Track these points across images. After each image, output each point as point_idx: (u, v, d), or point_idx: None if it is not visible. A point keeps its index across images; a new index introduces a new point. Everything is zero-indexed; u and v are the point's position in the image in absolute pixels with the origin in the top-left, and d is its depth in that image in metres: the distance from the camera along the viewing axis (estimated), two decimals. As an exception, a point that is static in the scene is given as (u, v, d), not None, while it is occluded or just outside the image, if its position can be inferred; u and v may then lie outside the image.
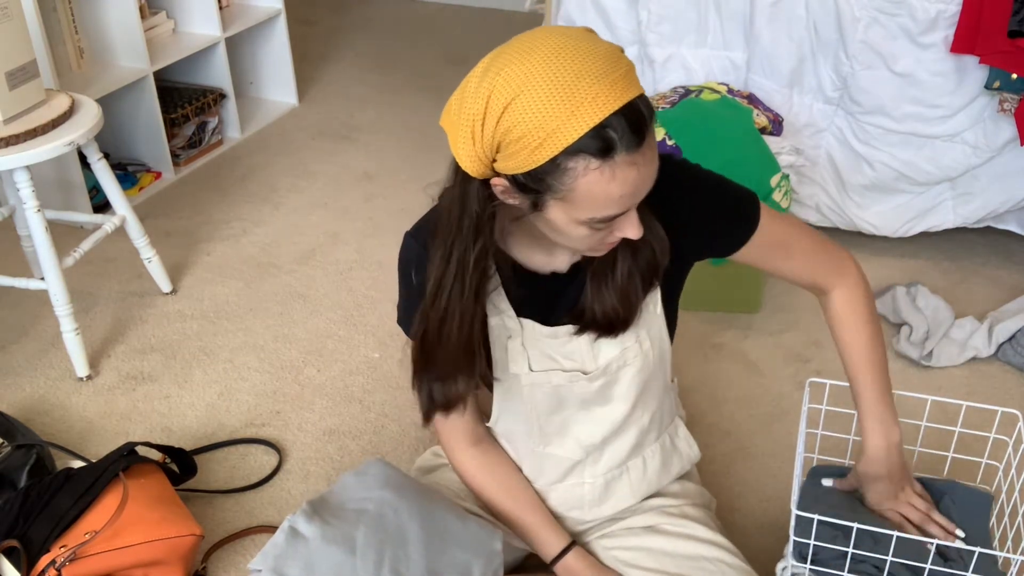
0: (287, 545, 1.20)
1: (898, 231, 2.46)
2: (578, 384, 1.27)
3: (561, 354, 1.26)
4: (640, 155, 0.97)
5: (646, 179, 1.00)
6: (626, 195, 1.00)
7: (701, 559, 1.30)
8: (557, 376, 1.27)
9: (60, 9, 2.65)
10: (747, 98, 2.36)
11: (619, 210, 1.01)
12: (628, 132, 0.95)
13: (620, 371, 1.28)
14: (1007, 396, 2.02)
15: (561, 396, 1.29)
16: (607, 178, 0.97)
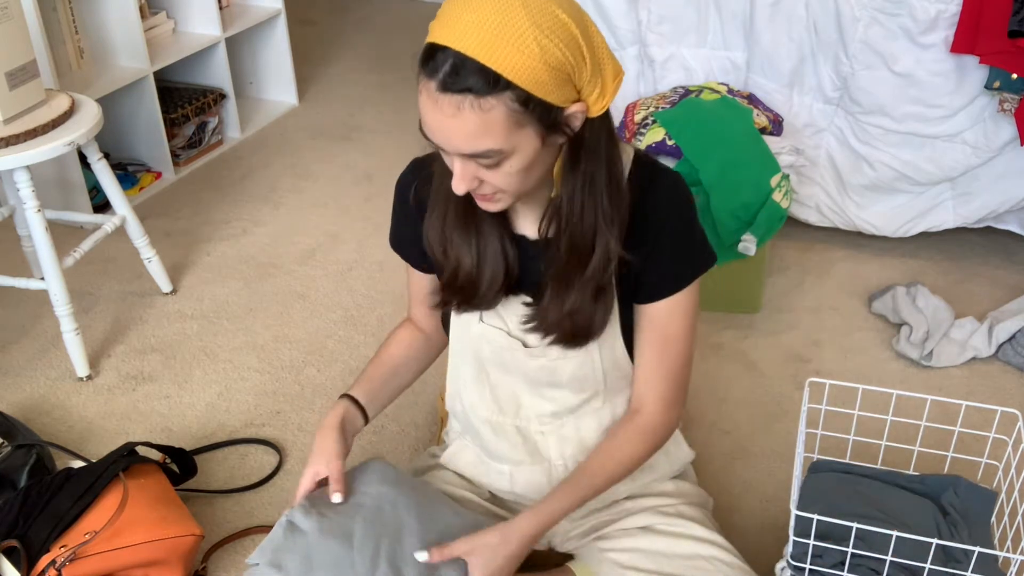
0: (285, 539, 1.20)
1: (898, 231, 2.46)
2: (518, 354, 1.28)
3: (510, 318, 1.27)
4: (443, 101, 0.99)
5: (444, 129, 1.01)
6: (430, 126, 1.03)
7: (698, 558, 1.30)
8: (501, 337, 1.28)
9: (60, 9, 2.65)
10: (747, 98, 2.36)
11: (432, 137, 1.04)
12: (446, 73, 0.98)
13: (559, 361, 1.27)
14: (1007, 396, 2.02)
15: (504, 360, 1.30)
16: (420, 90, 1.03)
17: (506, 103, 0.98)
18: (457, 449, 1.48)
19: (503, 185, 1.07)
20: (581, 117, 1.04)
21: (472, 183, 1.07)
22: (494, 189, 1.09)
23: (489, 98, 0.98)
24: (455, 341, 1.35)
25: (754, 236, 2.06)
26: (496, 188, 1.08)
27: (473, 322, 1.29)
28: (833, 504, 1.35)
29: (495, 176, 1.06)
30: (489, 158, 1.03)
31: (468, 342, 1.32)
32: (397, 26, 4.41)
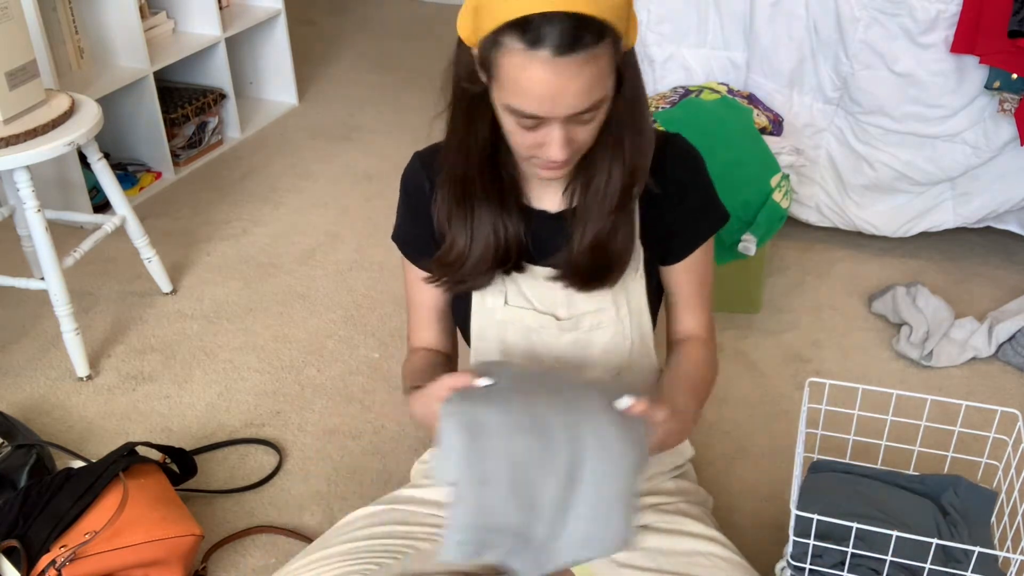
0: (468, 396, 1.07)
1: (898, 231, 2.46)
2: (549, 332, 1.27)
3: (536, 296, 1.27)
4: (563, 65, 0.98)
5: (564, 93, 1.00)
6: (540, 96, 1.00)
7: (696, 554, 1.30)
8: (530, 316, 1.27)
9: (60, 9, 2.65)
10: (747, 98, 2.36)
11: (535, 109, 1.01)
12: (559, 36, 0.96)
13: (593, 332, 1.27)
14: (1007, 396, 2.02)
15: (533, 344, 1.29)
16: (524, 65, 0.98)
17: (609, 49, 1.00)
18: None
19: (589, 139, 1.08)
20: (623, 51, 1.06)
21: (569, 147, 1.06)
22: (579, 150, 1.09)
23: (599, 48, 0.99)
24: (478, 336, 1.33)
25: (754, 236, 2.06)
26: (582, 148, 1.09)
27: (498, 308, 1.28)
28: (833, 504, 1.35)
29: (586, 131, 1.06)
30: (594, 110, 1.03)
31: (493, 332, 1.31)
32: (397, 26, 4.41)
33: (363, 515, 1.37)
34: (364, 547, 1.29)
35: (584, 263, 1.20)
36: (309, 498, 1.77)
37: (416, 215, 1.29)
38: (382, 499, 1.41)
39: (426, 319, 1.37)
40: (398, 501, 1.40)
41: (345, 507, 1.74)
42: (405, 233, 1.34)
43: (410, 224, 1.32)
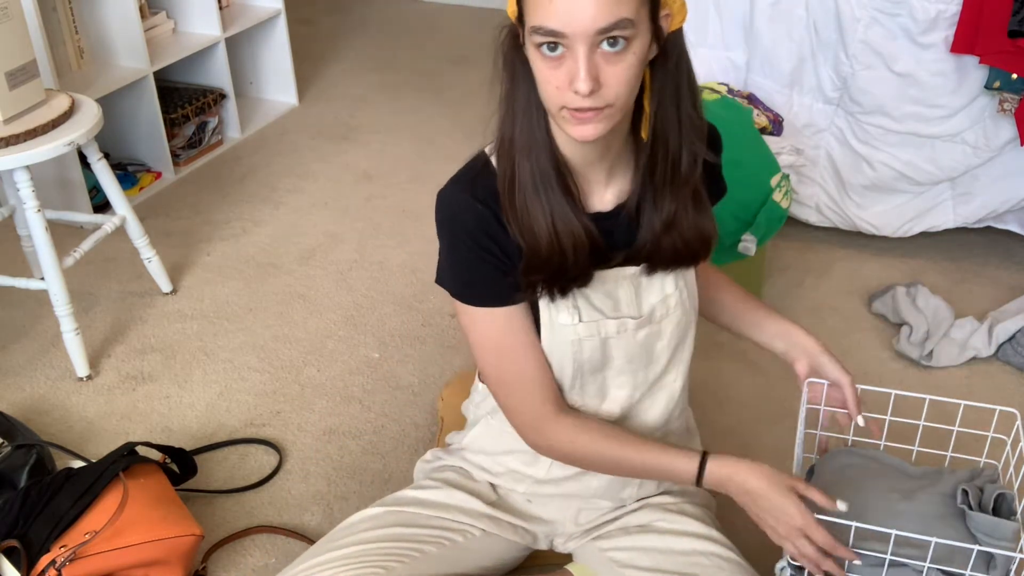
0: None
1: (898, 231, 2.46)
2: (626, 335, 1.26)
3: (605, 304, 1.25)
4: None
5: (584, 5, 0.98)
6: (561, 5, 0.98)
7: (696, 554, 1.30)
8: (605, 326, 1.24)
9: (60, 9, 2.65)
10: (747, 98, 2.36)
11: (556, 23, 0.99)
12: None
13: (663, 321, 1.28)
14: (1007, 396, 2.02)
15: (608, 350, 1.26)
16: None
17: None
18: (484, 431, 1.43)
19: (618, 85, 1.04)
20: (667, 25, 1.07)
21: (594, 83, 1.02)
22: (610, 97, 1.04)
23: None
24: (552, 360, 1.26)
25: (754, 236, 2.06)
26: (612, 95, 1.04)
27: (572, 325, 1.23)
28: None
29: (615, 72, 1.03)
30: (622, 30, 1.00)
31: (566, 349, 1.25)
32: (397, 26, 4.41)
33: (366, 517, 1.36)
34: (368, 550, 1.29)
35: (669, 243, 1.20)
36: (309, 498, 1.77)
37: (486, 249, 1.18)
38: (384, 500, 1.41)
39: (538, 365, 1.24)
40: (401, 503, 1.39)
41: (345, 507, 1.75)
42: (475, 275, 1.20)
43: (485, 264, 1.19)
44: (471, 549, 1.36)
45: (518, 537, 1.41)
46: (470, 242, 1.18)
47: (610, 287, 1.24)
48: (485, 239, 1.17)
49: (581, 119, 1.06)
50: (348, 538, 1.31)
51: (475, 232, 1.17)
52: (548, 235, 1.14)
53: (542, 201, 1.14)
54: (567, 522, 1.41)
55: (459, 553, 1.35)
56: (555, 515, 1.42)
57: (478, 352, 1.25)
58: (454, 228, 1.19)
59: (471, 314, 1.22)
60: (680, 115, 1.14)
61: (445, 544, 1.34)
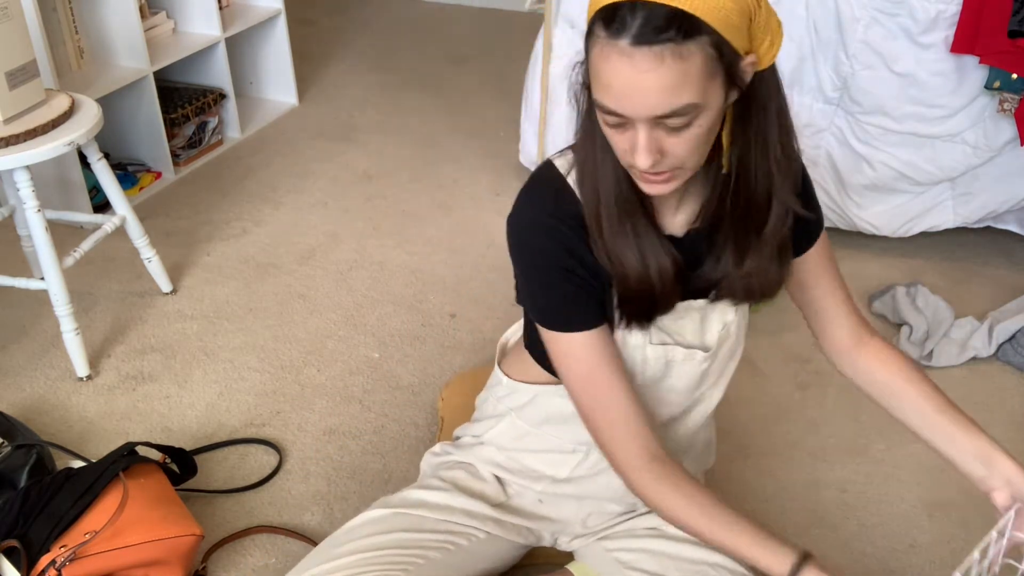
0: None
1: (898, 231, 2.46)
2: (692, 364, 1.25)
3: (671, 329, 1.22)
4: (640, 57, 0.93)
5: (641, 88, 0.94)
6: (619, 90, 0.95)
7: (703, 564, 1.29)
8: (676, 351, 1.23)
9: (60, 9, 2.65)
10: (747, 98, 2.36)
11: (615, 105, 0.97)
12: (640, 26, 0.92)
13: (719, 348, 1.27)
14: (1007, 396, 2.02)
15: (670, 376, 1.26)
16: (606, 55, 0.95)
17: (704, 48, 0.93)
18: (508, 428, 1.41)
19: (685, 154, 1.01)
20: (751, 70, 1.00)
21: (656, 155, 1.00)
22: (675, 163, 1.02)
23: (689, 44, 0.93)
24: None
25: (754, 236, 2.06)
26: (677, 161, 1.02)
27: (643, 346, 1.22)
28: None
29: (679, 143, 0.99)
30: (682, 116, 0.96)
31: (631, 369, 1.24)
32: (397, 26, 4.41)
33: (369, 520, 1.34)
34: (371, 558, 1.26)
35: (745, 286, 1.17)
36: (309, 498, 1.77)
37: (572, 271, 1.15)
38: (389, 500, 1.38)
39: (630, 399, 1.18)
40: (406, 504, 1.37)
41: (345, 507, 1.75)
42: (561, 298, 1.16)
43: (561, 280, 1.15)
44: (475, 552, 1.36)
45: (522, 538, 1.41)
46: (551, 264, 1.14)
47: (677, 315, 1.21)
48: (566, 258, 1.14)
49: (649, 180, 1.05)
50: (351, 543, 1.29)
51: (554, 252, 1.14)
52: (637, 265, 1.12)
53: (627, 230, 1.11)
54: (575, 523, 1.41)
55: (463, 557, 1.34)
56: (565, 515, 1.41)
57: (572, 386, 1.20)
58: (531, 251, 1.16)
59: (562, 343, 1.18)
60: (769, 159, 1.08)
61: (450, 548, 1.33)
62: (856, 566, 1.62)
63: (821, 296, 1.30)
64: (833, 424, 1.94)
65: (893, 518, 1.71)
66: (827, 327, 1.31)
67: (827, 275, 1.29)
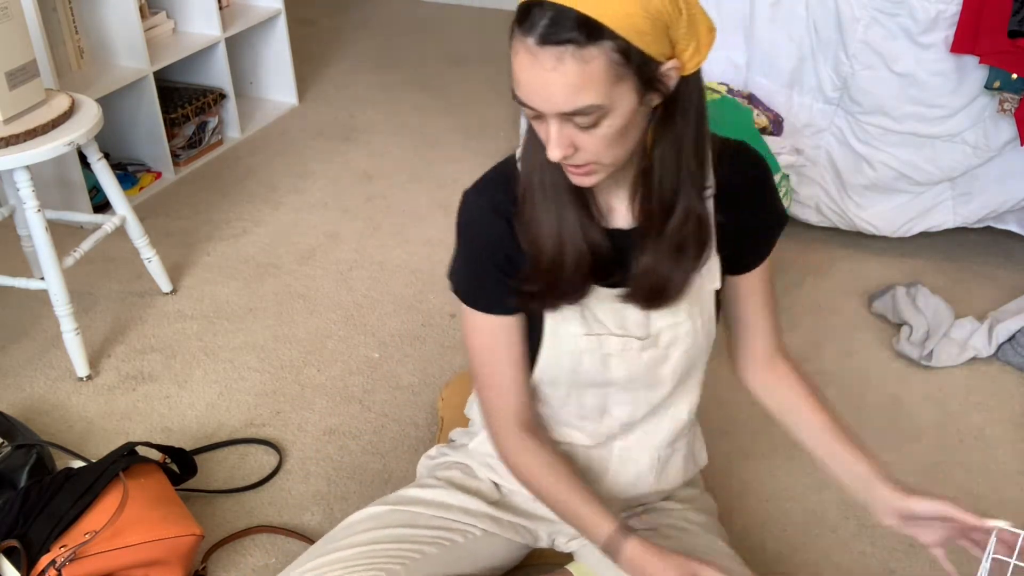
0: None
1: (898, 231, 2.46)
2: (629, 354, 1.24)
3: (612, 319, 1.23)
4: (543, 56, 0.96)
5: (545, 86, 0.98)
6: (526, 85, 0.99)
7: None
8: (609, 341, 1.23)
9: (60, 9, 2.65)
10: (747, 98, 2.36)
11: (525, 98, 1.01)
12: (546, 26, 0.95)
13: (670, 347, 1.25)
14: (1007, 396, 2.02)
15: (609, 367, 1.25)
16: (516, 50, 0.99)
17: (607, 54, 0.96)
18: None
19: (598, 151, 1.04)
20: (676, 75, 1.02)
21: (567, 149, 1.03)
22: (589, 158, 1.05)
23: (590, 48, 0.96)
24: (550, 364, 1.27)
25: (754, 236, 2.06)
26: (591, 156, 1.05)
27: (577, 336, 1.23)
28: None
29: (591, 140, 1.03)
30: (588, 115, 1.00)
31: (567, 360, 1.25)
32: (397, 26, 4.41)
33: (367, 516, 1.35)
34: (369, 552, 1.28)
35: (645, 283, 1.18)
36: (309, 498, 1.77)
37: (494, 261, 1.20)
38: (385, 499, 1.40)
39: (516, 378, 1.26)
40: (403, 502, 1.38)
41: (345, 507, 1.75)
42: (481, 282, 1.23)
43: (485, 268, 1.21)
44: (472, 549, 1.36)
45: (519, 536, 1.41)
46: (481, 251, 1.21)
47: (618, 304, 1.22)
48: (495, 251, 1.19)
49: (570, 171, 1.09)
50: (349, 539, 1.31)
51: (487, 242, 1.20)
52: (552, 247, 1.14)
53: (552, 212, 1.14)
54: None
55: (460, 553, 1.35)
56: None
57: (470, 353, 1.28)
58: (468, 234, 1.22)
59: (471, 317, 1.25)
60: (680, 165, 1.10)
61: (446, 544, 1.34)
62: (856, 566, 1.62)
63: (751, 312, 1.32)
64: (833, 424, 1.94)
65: (893, 518, 1.71)
66: (746, 341, 1.34)
67: (762, 296, 1.31)
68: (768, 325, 1.33)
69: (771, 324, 1.33)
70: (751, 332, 1.33)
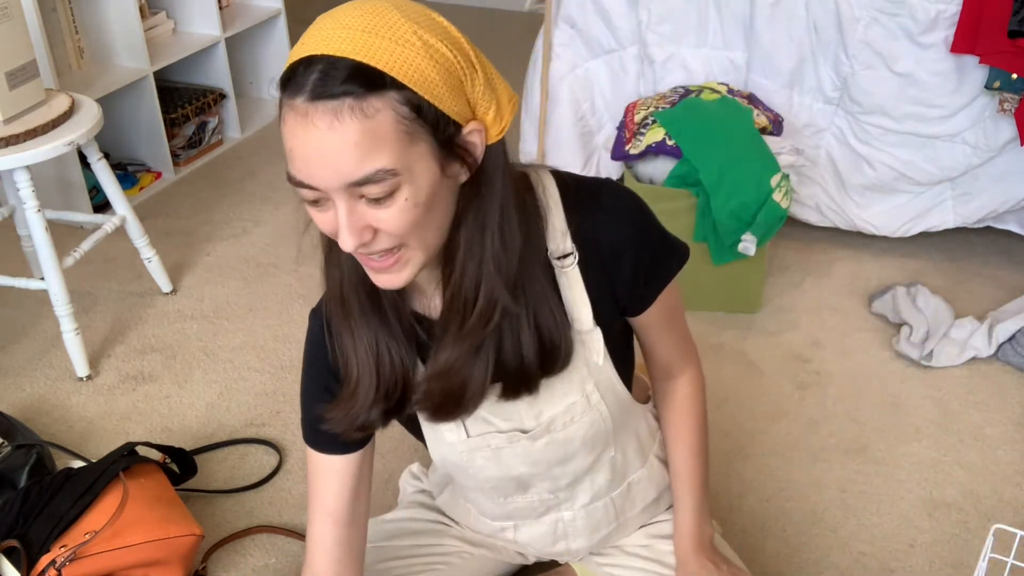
0: None
1: (898, 231, 2.46)
2: (519, 445, 1.15)
3: (497, 415, 1.13)
4: (319, 113, 0.82)
5: (322, 150, 0.83)
6: (301, 155, 0.85)
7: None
8: (495, 439, 1.14)
9: (60, 9, 2.65)
10: (747, 98, 2.36)
11: (302, 174, 0.86)
12: (316, 80, 0.82)
13: (568, 428, 1.15)
14: (1007, 396, 2.02)
15: (504, 461, 1.16)
16: (285, 117, 0.85)
17: (393, 105, 0.84)
18: (450, 499, 1.41)
19: (401, 229, 0.88)
20: (480, 141, 0.91)
21: (363, 234, 0.88)
22: (394, 240, 0.90)
23: (371, 99, 0.83)
24: (442, 464, 1.21)
25: (754, 236, 2.06)
26: (396, 238, 0.90)
27: (460, 442, 1.15)
28: None
29: (389, 217, 0.87)
30: (379, 183, 0.85)
31: (457, 459, 1.18)
32: (397, 26, 4.40)
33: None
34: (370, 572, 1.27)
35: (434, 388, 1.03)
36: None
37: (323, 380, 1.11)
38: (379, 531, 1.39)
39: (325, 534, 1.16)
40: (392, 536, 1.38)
41: (345, 507, 1.75)
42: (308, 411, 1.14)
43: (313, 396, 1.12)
44: (468, 569, 1.37)
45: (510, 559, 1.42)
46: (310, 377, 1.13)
47: (498, 401, 1.09)
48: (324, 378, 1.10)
49: (376, 269, 0.94)
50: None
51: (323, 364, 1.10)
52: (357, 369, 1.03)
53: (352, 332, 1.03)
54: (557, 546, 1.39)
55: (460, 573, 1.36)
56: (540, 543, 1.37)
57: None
58: (307, 360, 1.14)
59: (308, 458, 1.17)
60: (484, 249, 0.95)
61: (441, 569, 1.34)
62: (856, 566, 1.62)
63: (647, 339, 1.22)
64: (833, 424, 1.94)
65: (893, 518, 1.71)
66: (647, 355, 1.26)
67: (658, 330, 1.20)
68: (666, 349, 1.23)
69: (670, 348, 1.23)
70: (649, 352, 1.25)
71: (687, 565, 1.27)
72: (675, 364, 1.27)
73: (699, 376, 1.31)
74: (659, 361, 1.26)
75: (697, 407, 1.30)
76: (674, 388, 1.29)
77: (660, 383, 1.30)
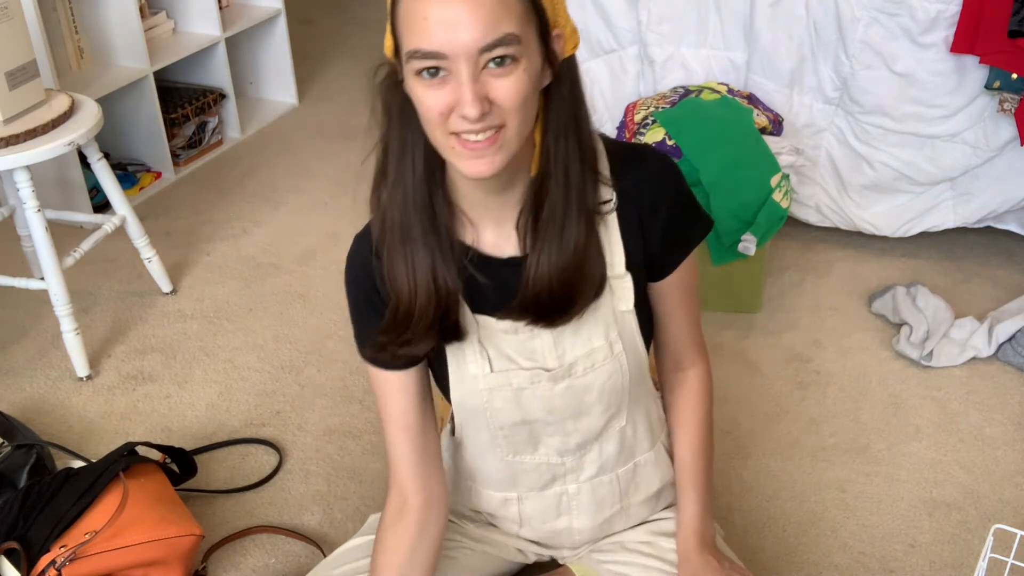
0: None
1: (898, 231, 2.46)
2: (541, 387, 1.17)
3: (521, 353, 1.17)
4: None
5: (457, 19, 0.91)
6: (435, 21, 0.91)
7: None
8: (517, 376, 1.17)
9: (60, 9, 2.65)
10: (747, 98, 2.36)
11: (435, 43, 0.93)
12: None
13: (587, 375, 1.18)
14: (1007, 396, 2.02)
15: (523, 404, 1.19)
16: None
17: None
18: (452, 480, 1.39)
19: (512, 105, 0.96)
20: (560, 50, 1.00)
21: (483, 104, 0.95)
22: (503, 116, 0.97)
23: None
24: (461, 405, 1.22)
25: (754, 236, 2.06)
26: (505, 113, 0.96)
27: (482, 376, 1.17)
28: None
29: (507, 86, 0.95)
30: (507, 47, 0.92)
31: (476, 400, 1.19)
32: (397, 26, 4.40)
33: (354, 546, 1.34)
34: (364, 566, 1.27)
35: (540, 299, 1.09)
36: (309, 498, 1.77)
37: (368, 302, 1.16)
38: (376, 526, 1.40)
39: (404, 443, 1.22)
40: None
41: (345, 507, 1.75)
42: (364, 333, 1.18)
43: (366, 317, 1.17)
44: (468, 566, 1.37)
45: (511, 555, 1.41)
46: (360, 300, 1.18)
47: (524, 336, 1.15)
48: (374, 298, 1.15)
49: (474, 150, 0.98)
50: (343, 567, 1.29)
51: (366, 289, 1.16)
52: (409, 293, 1.09)
53: (407, 254, 1.09)
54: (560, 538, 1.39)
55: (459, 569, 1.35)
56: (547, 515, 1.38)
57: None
58: (348, 280, 1.20)
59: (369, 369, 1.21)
60: (580, 143, 1.05)
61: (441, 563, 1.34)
62: (856, 566, 1.62)
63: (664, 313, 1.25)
64: (833, 424, 1.94)
65: (893, 518, 1.71)
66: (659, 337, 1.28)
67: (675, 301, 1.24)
68: (679, 331, 1.26)
69: (683, 331, 1.27)
70: (662, 331, 1.27)
71: (689, 562, 1.27)
72: (686, 354, 1.29)
73: (708, 373, 1.32)
74: (670, 347, 1.28)
75: (705, 403, 1.31)
76: (684, 380, 1.30)
77: (670, 375, 1.31)
